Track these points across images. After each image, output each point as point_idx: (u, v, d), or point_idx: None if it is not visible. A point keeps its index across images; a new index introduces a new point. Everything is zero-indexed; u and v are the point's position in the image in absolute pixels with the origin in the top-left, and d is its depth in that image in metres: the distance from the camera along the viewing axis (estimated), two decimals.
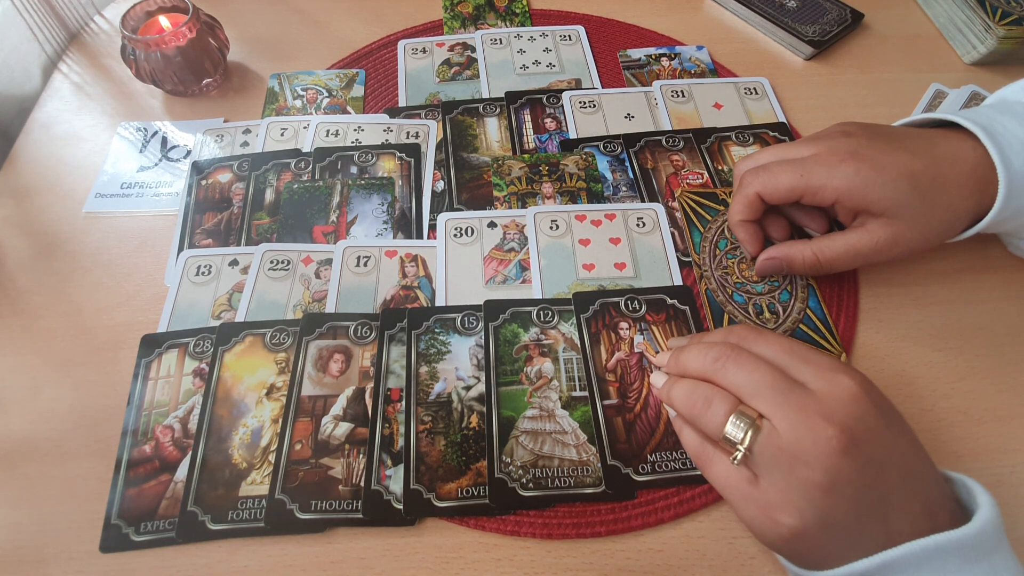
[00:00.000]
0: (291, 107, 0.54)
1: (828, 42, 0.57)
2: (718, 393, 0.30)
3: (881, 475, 0.27)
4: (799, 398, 0.28)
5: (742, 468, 0.29)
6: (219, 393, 0.39)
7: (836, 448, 0.27)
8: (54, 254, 0.46)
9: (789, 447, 0.27)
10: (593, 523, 0.35)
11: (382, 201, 0.48)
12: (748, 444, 0.28)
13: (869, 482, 0.27)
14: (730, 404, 0.29)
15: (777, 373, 0.29)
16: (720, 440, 0.30)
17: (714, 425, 0.30)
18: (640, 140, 0.51)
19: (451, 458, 0.36)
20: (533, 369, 0.39)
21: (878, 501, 0.27)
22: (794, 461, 0.27)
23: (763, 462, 0.28)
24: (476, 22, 0.61)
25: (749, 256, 0.42)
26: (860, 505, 0.27)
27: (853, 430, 0.27)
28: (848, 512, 0.27)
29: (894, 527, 0.27)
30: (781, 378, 0.29)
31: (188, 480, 0.36)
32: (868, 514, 0.27)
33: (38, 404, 0.40)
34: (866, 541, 0.27)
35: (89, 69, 0.58)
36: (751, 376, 0.29)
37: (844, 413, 0.27)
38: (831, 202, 0.37)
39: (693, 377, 0.32)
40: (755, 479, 0.29)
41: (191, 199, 0.48)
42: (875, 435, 0.28)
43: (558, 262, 0.44)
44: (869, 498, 0.27)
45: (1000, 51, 0.54)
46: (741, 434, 0.29)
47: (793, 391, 0.28)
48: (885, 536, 0.27)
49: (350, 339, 0.41)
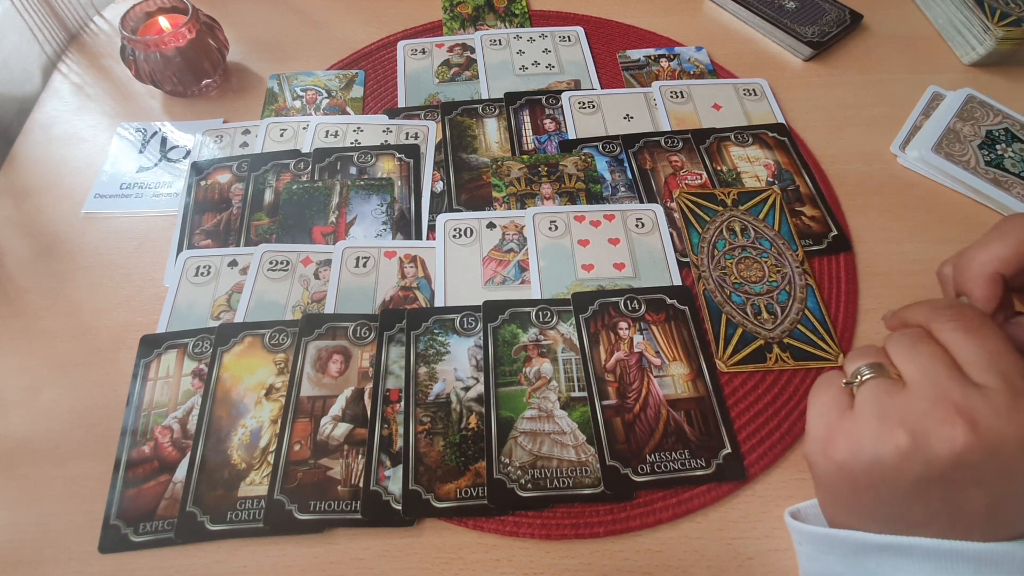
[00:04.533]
0: (290, 108, 0.54)
1: (827, 43, 0.57)
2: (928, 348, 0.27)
3: (971, 493, 0.25)
4: (968, 392, 0.25)
5: (846, 394, 0.29)
6: (218, 394, 0.39)
7: (949, 446, 0.24)
8: (53, 254, 0.46)
9: (908, 405, 0.26)
10: (592, 524, 0.35)
11: (381, 202, 0.48)
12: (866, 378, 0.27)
13: (952, 492, 0.25)
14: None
15: (982, 357, 0.26)
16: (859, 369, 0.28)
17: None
18: (639, 141, 0.51)
19: (450, 459, 0.36)
20: (532, 370, 0.39)
21: (943, 503, 0.25)
22: (899, 414, 0.26)
23: (870, 398, 0.27)
24: (475, 23, 0.61)
25: None
26: (922, 496, 0.25)
27: (980, 451, 0.24)
28: (903, 492, 0.26)
29: (934, 528, 0.26)
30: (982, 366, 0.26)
31: (187, 480, 0.36)
32: (923, 504, 0.26)
33: (37, 404, 0.40)
34: (897, 521, 0.27)
35: (89, 70, 0.58)
36: (973, 343, 0.26)
37: (991, 433, 0.24)
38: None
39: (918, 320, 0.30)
40: (849, 410, 0.28)
41: (190, 199, 0.48)
42: (1006, 473, 0.25)
43: (557, 263, 0.44)
44: (936, 496, 0.25)
45: (999, 52, 0.54)
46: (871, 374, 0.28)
47: (971, 386, 0.26)
48: (913, 527, 0.26)
49: (349, 340, 0.41)
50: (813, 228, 0.46)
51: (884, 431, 0.26)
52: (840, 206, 0.48)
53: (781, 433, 0.38)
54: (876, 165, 0.51)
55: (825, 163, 0.50)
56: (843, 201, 0.48)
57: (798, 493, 0.36)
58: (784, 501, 0.36)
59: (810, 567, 0.32)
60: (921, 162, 0.49)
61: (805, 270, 0.44)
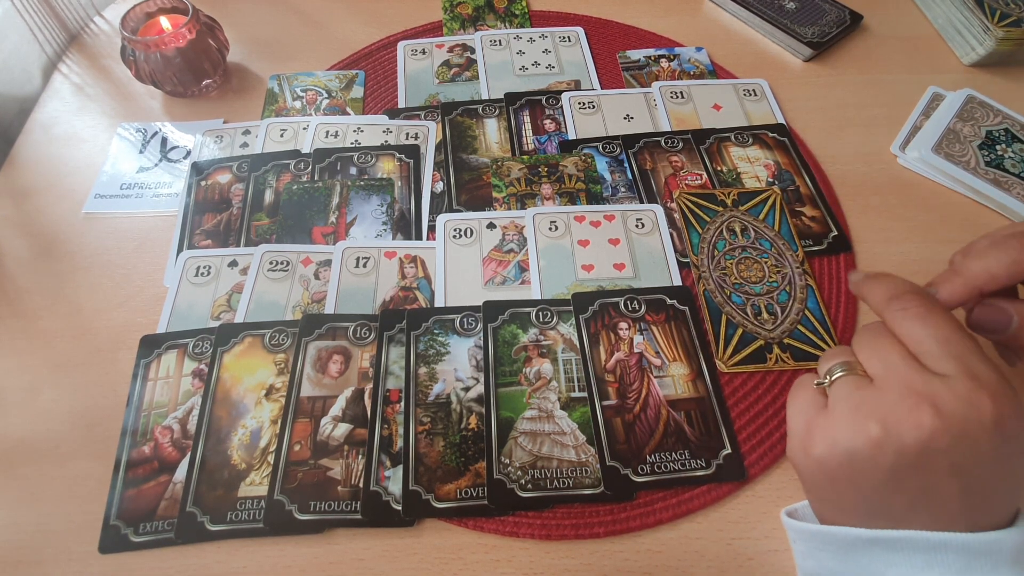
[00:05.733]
0: (291, 108, 0.54)
1: (827, 43, 0.57)
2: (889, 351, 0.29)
3: (945, 480, 0.26)
4: (928, 380, 0.26)
5: (820, 394, 0.30)
6: (218, 394, 0.39)
7: (917, 433, 0.25)
8: (53, 255, 0.46)
9: (876, 398, 0.27)
10: (592, 524, 0.35)
11: (381, 202, 0.48)
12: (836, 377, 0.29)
13: (927, 480, 0.26)
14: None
15: (940, 345, 0.27)
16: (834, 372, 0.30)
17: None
18: (639, 141, 0.51)
19: (450, 459, 0.36)
20: (532, 370, 0.39)
21: (920, 491, 0.26)
22: (868, 407, 0.27)
23: (842, 394, 0.28)
24: (475, 23, 0.61)
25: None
26: (899, 485, 0.26)
27: (946, 435, 0.25)
28: (881, 483, 0.26)
29: (917, 520, 0.27)
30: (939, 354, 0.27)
31: (187, 481, 0.36)
32: (901, 494, 0.27)
33: (37, 405, 0.40)
34: (881, 514, 0.27)
35: (89, 70, 0.58)
36: (924, 333, 0.28)
37: (955, 417, 0.25)
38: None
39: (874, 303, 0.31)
40: (824, 408, 0.29)
41: (190, 200, 0.48)
42: (974, 455, 0.25)
43: (557, 263, 0.44)
44: (912, 485, 0.26)
45: (999, 52, 0.54)
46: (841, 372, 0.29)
47: (928, 374, 0.27)
48: (898, 520, 0.27)
49: (349, 340, 0.41)
50: (813, 228, 0.46)
51: (857, 424, 0.27)
52: (840, 206, 0.48)
53: (781, 434, 0.38)
54: (876, 165, 0.51)
55: (825, 163, 0.50)
56: (843, 201, 0.48)
57: (798, 494, 0.36)
58: (784, 502, 0.36)
59: (805, 564, 0.32)
60: (921, 162, 0.49)
61: (805, 270, 0.44)
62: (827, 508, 0.30)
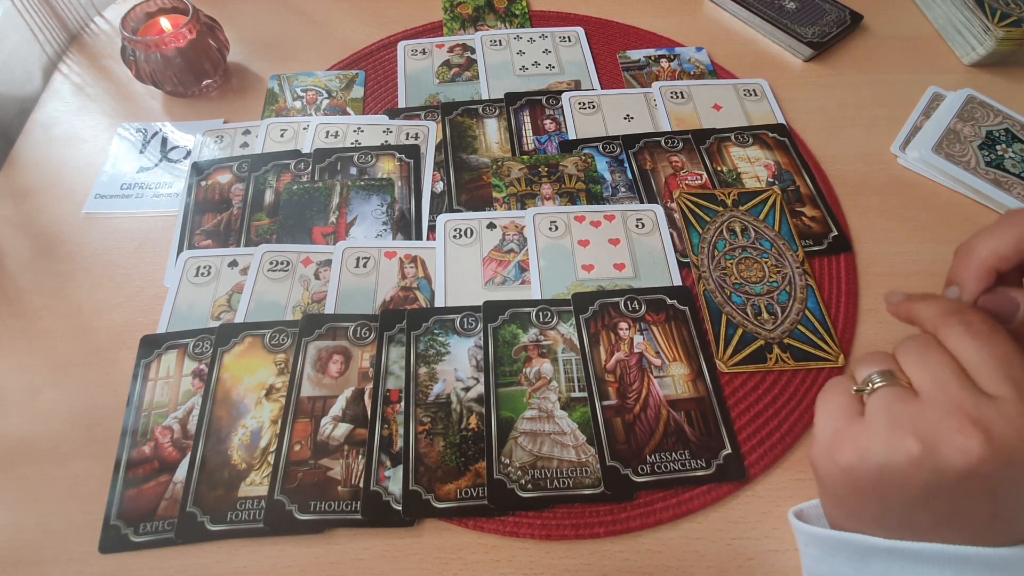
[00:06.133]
0: (291, 108, 0.54)
1: (827, 43, 0.57)
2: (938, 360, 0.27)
3: (978, 502, 0.25)
4: (979, 400, 0.25)
5: (855, 401, 0.29)
6: (218, 394, 0.39)
7: (963, 457, 0.24)
8: (54, 255, 0.46)
9: (919, 413, 0.26)
10: (592, 524, 0.35)
11: (381, 202, 0.48)
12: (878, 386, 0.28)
13: (960, 502, 0.25)
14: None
15: (990, 361, 0.26)
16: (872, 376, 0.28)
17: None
18: (639, 141, 0.51)
19: (450, 459, 0.36)
20: (532, 370, 0.39)
21: (949, 511, 0.25)
22: (910, 422, 0.25)
23: (882, 405, 0.27)
24: (476, 23, 0.61)
25: None
26: (929, 504, 0.25)
27: (994, 462, 0.24)
28: (910, 500, 0.26)
29: (939, 535, 0.26)
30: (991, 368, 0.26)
31: (187, 481, 0.36)
32: (928, 511, 0.26)
33: (37, 405, 0.40)
34: (901, 527, 0.27)
35: (89, 70, 0.58)
36: (983, 352, 0.26)
37: (1006, 444, 0.24)
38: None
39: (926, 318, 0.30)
40: (858, 416, 0.28)
41: (191, 200, 0.48)
42: (1014, 482, 0.25)
43: (557, 263, 0.44)
44: (943, 505, 0.25)
45: (999, 52, 0.54)
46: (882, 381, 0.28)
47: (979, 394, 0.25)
48: (919, 534, 0.26)
49: (349, 340, 0.41)
50: (813, 228, 0.46)
51: (895, 439, 0.26)
52: (840, 206, 0.48)
53: (781, 434, 0.38)
54: (876, 165, 0.51)
55: (825, 163, 0.50)
56: (843, 201, 0.48)
57: (798, 494, 0.36)
58: (784, 502, 0.36)
59: (817, 568, 0.31)
60: (921, 162, 0.49)
61: (805, 270, 0.44)
62: (842, 515, 0.30)
